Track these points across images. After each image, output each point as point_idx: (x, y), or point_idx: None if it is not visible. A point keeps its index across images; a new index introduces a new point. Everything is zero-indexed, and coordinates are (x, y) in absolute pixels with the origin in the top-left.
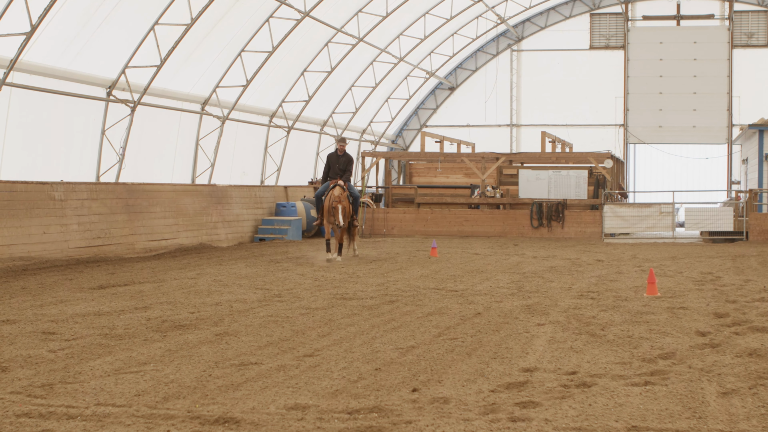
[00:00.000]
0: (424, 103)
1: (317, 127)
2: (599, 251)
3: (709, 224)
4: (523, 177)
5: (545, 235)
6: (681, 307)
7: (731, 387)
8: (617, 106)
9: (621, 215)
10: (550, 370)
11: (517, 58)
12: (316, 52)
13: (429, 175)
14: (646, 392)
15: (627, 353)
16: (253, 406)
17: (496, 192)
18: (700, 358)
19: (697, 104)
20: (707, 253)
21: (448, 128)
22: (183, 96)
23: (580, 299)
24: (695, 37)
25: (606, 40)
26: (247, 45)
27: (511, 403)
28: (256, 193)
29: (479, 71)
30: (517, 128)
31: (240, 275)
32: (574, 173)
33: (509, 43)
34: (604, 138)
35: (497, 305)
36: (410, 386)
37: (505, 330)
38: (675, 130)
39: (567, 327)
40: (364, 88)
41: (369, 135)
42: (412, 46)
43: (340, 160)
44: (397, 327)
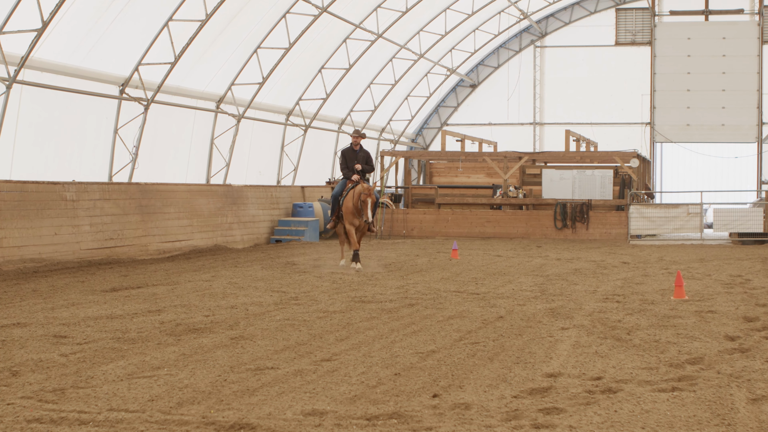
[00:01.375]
0: (445, 100)
1: (335, 126)
2: (625, 253)
3: (738, 225)
4: (546, 177)
5: (569, 236)
6: (709, 310)
7: (761, 393)
8: (643, 104)
9: (647, 216)
10: (574, 375)
11: (541, 55)
12: (334, 48)
13: (450, 174)
14: (674, 398)
15: (654, 358)
16: (270, 412)
17: (519, 192)
18: (729, 364)
19: (726, 102)
20: (736, 255)
21: (469, 127)
22: (197, 94)
23: (605, 302)
24: (724, 33)
25: (632, 35)
26: (263, 41)
27: (535, 410)
28: (272, 194)
29: (501, 68)
30: (541, 127)
31: (256, 277)
32: (599, 173)
33: (532, 39)
34: (629, 137)
35: (520, 309)
36: (431, 392)
37: (528, 334)
38: (703, 129)
39: (592, 331)
40: (383, 86)
41: (388, 133)
42: (432, 42)
43: (358, 156)
44: (417, 331)
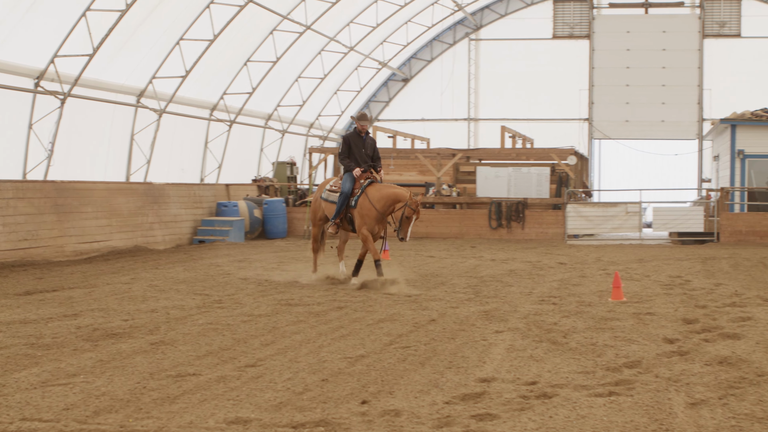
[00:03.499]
0: (376, 95)
1: (261, 121)
2: (562, 253)
3: (678, 225)
4: (481, 174)
5: (504, 236)
6: (648, 312)
7: (700, 397)
8: (581, 100)
9: (585, 215)
10: (508, 380)
11: (476, 48)
12: (261, 40)
13: None
14: (611, 403)
15: (590, 362)
16: (191, 421)
17: (453, 191)
18: (668, 367)
19: (666, 97)
20: (676, 256)
21: (401, 122)
22: (117, 87)
23: (541, 305)
24: (664, 26)
25: (570, 28)
26: (186, 33)
27: (467, 416)
28: (195, 192)
29: (435, 61)
30: (475, 122)
31: (178, 280)
32: (536, 171)
33: (467, 31)
34: (567, 133)
35: (453, 311)
36: (359, 398)
37: (461, 338)
38: (642, 125)
39: (527, 334)
40: (311, 80)
41: (317, 129)
42: (363, 34)
43: (365, 143)
44: (346, 335)
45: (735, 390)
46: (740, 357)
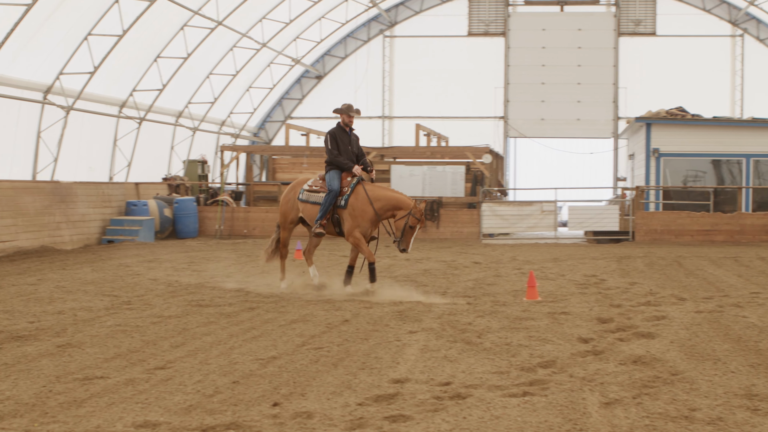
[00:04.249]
0: (289, 92)
1: (172, 119)
2: (477, 253)
3: (593, 224)
4: (395, 173)
5: (419, 235)
6: (563, 312)
7: (614, 397)
8: (497, 98)
9: (500, 214)
10: (422, 381)
11: (390, 45)
12: (171, 36)
13: (294, 170)
14: (525, 403)
15: (505, 362)
16: (98, 425)
17: None
18: (582, 367)
19: (582, 96)
20: (591, 255)
21: (315, 120)
22: (23, 83)
23: (455, 304)
24: (580, 24)
25: (485, 26)
26: (95, 28)
27: (380, 417)
28: (104, 191)
29: (349, 59)
30: (390, 120)
31: (85, 281)
32: (451, 169)
33: (381, 28)
34: (483, 131)
35: (366, 312)
36: (271, 400)
37: (375, 338)
38: (558, 123)
39: (441, 334)
40: (223, 76)
41: (229, 127)
42: (276, 30)
43: (351, 140)
44: (258, 336)
45: (649, 389)
46: (654, 356)
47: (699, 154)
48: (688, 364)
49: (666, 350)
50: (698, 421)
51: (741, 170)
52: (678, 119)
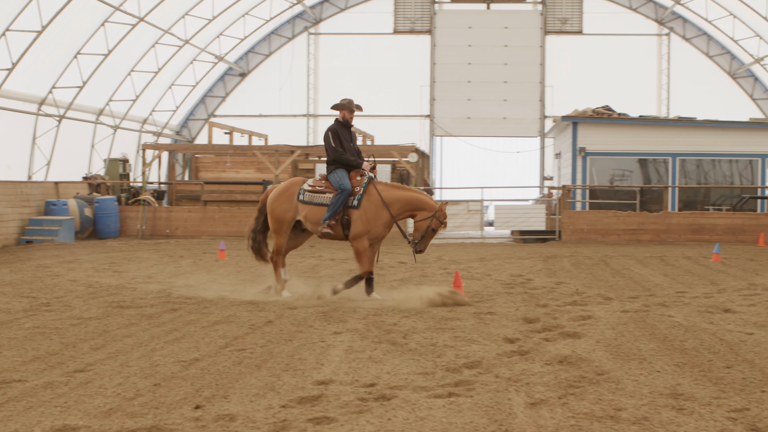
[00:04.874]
0: (213, 90)
1: (93, 116)
2: (403, 252)
3: (519, 223)
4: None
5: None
6: (489, 312)
7: (540, 397)
8: (423, 96)
9: None
10: (346, 382)
11: (315, 42)
12: (92, 32)
13: (217, 169)
14: (450, 404)
15: (430, 363)
16: (16, 429)
17: None
18: (508, 367)
19: (509, 94)
20: (518, 254)
21: (238, 118)
22: None
23: (382, 304)
24: (506, 22)
25: (411, 23)
26: (13, 23)
27: (304, 420)
28: (22, 190)
29: (273, 56)
30: (315, 119)
31: (3, 282)
32: None
33: (306, 25)
34: (409, 130)
35: (290, 312)
36: (193, 403)
37: (299, 339)
38: (484, 122)
39: (366, 335)
40: (145, 74)
41: (151, 125)
42: (199, 27)
43: (352, 136)
44: (180, 338)
45: (575, 389)
46: (580, 356)
47: (625, 154)
48: (614, 364)
49: (592, 350)
50: (624, 421)
51: (667, 169)
52: (604, 118)
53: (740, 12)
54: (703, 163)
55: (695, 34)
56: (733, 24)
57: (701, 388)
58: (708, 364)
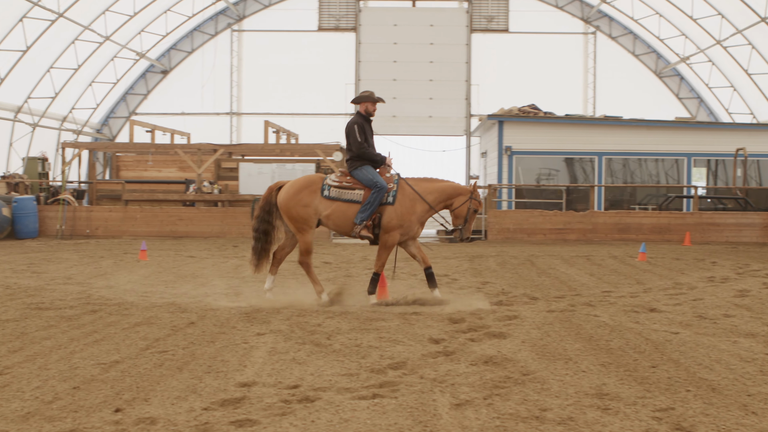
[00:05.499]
0: (134, 87)
1: (10, 114)
2: (327, 252)
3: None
4: (244, 171)
5: None
6: (414, 312)
7: (465, 398)
8: (348, 94)
9: None
10: (270, 384)
11: (239, 39)
12: (10, 27)
13: (139, 168)
14: (374, 406)
15: (354, 364)
16: None
17: (214, 188)
18: (433, 368)
19: (434, 93)
20: (443, 254)
21: (160, 116)
22: None
23: (305, 306)
24: (432, 20)
25: (336, 21)
26: None
27: (226, 422)
28: None
29: (196, 53)
30: (238, 117)
31: None
32: (301, 167)
33: (229, 22)
34: (334, 128)
35: (213, 313)
36: (113, 406)
37: (221, 341)
38: (410, 121)
39: (289, 336)
40: (65, 70)
41: (71, 123)
42: (120, 23)
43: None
44: (100, 340)
45: (500, 390)
46: (506, 356)
47: (552, 152)
48: (540, 364)
49: (517, 350)
50: (549, 422)
51: (594, 168)
52: (530, 117)
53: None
54: (629, 162)
55: (621, 32)
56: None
57: (627, 388)
58: (633, 364)
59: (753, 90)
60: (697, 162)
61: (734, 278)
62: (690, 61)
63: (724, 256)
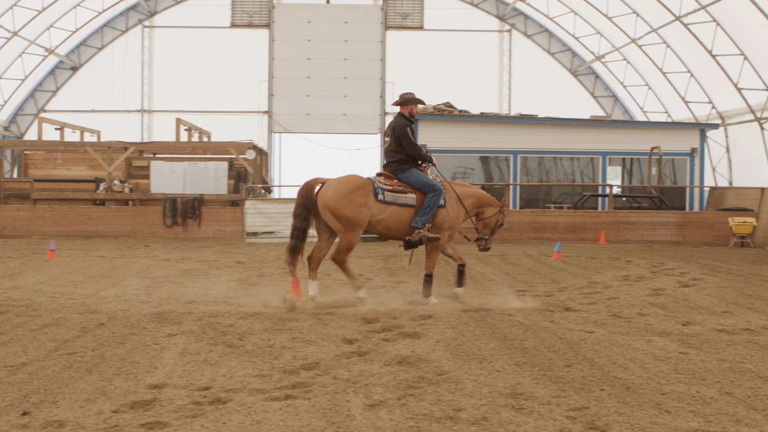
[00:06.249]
0: (43, 84)
1: None
2: (240, 252)
3: None
4: (155, 169)
5: (180, 234)
6: (327, 312)
7: (379, 398)
8: (261, 92)
9: (264, 212)
10: (181, 386)
11: (150, 36)
12: None
13: (48, 167)
14: (287, 407)
15: (267, 365)
16: None
17: (125, 186)
18: (347, 368)
19: (349, 90)
20: (358, 253)
21: (70, 114)
22: None
23: (217, 306)
24: (347, 17)
25: (249, 17)
26: None
27: (137, 425)
28: None
29: (107, 49)
30: (150, 114)
31: None
32: (213, 165)
33: (141, 18)
34: (247, 126)
35: (123, 314)
36: (20, 409)
37: (132, 342)
38: (324, 119)
39: (201, 337)
40: None
41: None
42: (28, 18)
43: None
44: (7, 342)
45: (414, 390)
46: (420, 356)
47: (467, 151)
48: (454, 364)
49: (432, 350)
50: (463, 422)
51: (509, 167)
52: (445, 115)
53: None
54: (544, 160)
55: (537, 30)
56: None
57: (541, 387)
58: (548, 363)
59: (668, 88)
60: (612, 161)
61: (649, 277)
62: (605, 59)
63: (639, 254)
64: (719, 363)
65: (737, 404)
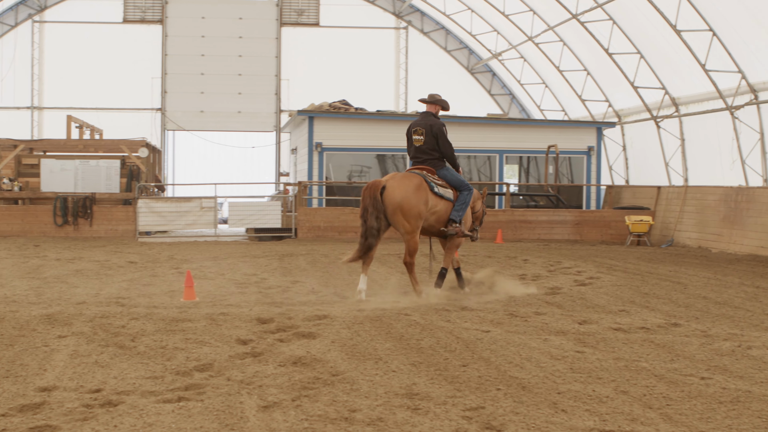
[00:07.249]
0: None
1: None
2: (132, 252)
3: (254, 220)
4: (45, 168)
5: (71, 234)
6: (221, 313)
7: (273, 400)
8: (154, 88)
9: (157, 211)
10: (71, 388)
11: (40, 31)
12: None
13: None
14: (180, 409)
15: (159, 366)
16: None
17: (14, 185)
18: (241, 369)
19: (244, 87)
20: (253, 253)
21: None
22: None
23: (109, 307)
24: (241, 13)
25: (142, 12)
26: None
27: (25, 428)
28: None
29: None
30: (40, 111)
31: None
32: (105, 164)
33: (30, 12)
34: (139, 124)
35: (12, 316)
36: None
37: (21, 344)
38: (219, 116)
39: (92, 339)
40: None
41: None
42: None
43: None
44: None
45: (309, 391)
46: (315, 356)
47: (363, 149)
48: (350, 364)
49: (327, 350)
50: (358, 422)
51: (406, 165)
52: (341, 113)
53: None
54: None
55: (433, 28)
56: (471, 19)
57: (437, 387)
58: (444, 363)
59: (564, 86)
60: (509, 159)
61: (546, 276)
62: (502, 57)
63: (536, 253)
64: (615, 362)
65: (633, 403)
